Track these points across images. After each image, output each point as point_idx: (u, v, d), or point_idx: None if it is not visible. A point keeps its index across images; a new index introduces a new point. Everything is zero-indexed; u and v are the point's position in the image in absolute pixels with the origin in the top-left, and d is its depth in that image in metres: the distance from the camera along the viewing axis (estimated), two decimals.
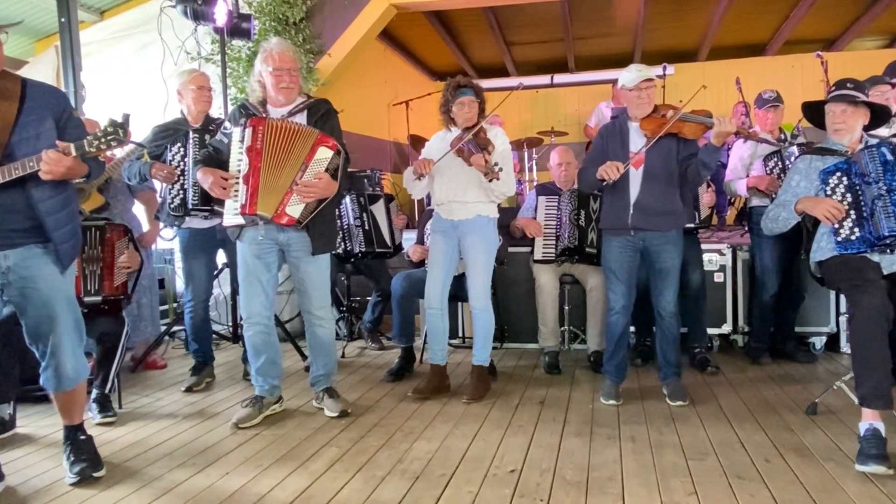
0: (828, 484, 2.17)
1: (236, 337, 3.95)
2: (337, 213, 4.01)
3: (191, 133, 3.32)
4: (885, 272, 2.57)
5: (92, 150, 2.16)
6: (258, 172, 2.75)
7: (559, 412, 3.00)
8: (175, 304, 4.86)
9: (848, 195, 2.60)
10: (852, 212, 2.58)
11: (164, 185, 3.40)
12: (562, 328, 4.11)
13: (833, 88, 2.79)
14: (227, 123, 2.97)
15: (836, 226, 2.59)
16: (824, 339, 4.04)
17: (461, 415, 2.99)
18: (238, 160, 2.80)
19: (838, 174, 2.63)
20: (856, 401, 2.41)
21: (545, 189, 4.13)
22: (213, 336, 3.81)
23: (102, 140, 2.16)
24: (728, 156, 4.14)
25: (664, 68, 6.28)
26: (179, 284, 4.45)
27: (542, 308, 3.88)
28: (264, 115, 2.85)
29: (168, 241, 4.01)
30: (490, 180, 3.02)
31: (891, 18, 7.01)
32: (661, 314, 3.14)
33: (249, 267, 2.92)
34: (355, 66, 5.65)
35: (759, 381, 3.47)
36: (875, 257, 2.57)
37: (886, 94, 3.36)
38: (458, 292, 3.48)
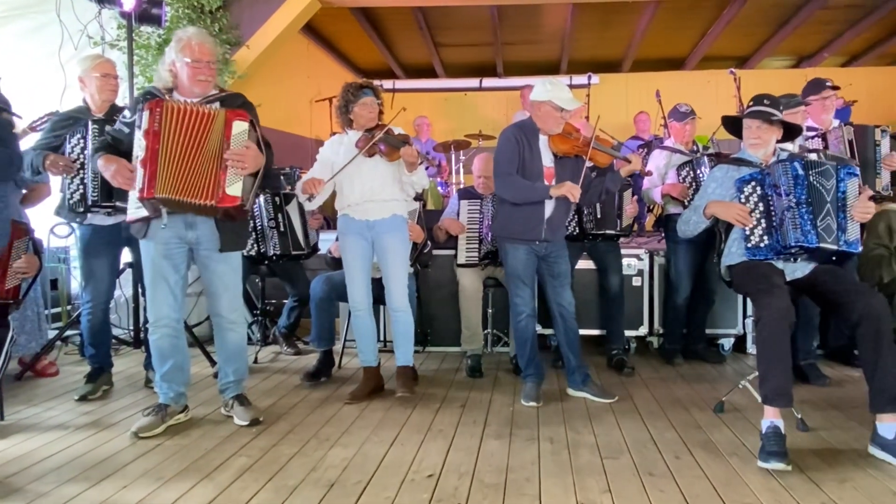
0: (732, 478, 2.26)
1: (138, 342, 3.70)
2: (250, 213, 3.83)
3: (90, 124, 3.09)
4: (788, 278, 2.73)
5: None
6: (156, 155, 2.58)
7: (480, 415, 2.98)
8: (69, 307, 4.52)
9: (760, 204, 2.73)
10: (763, 220, 2.71)
11: (63, 178, 3.15)
12: (485, 331, 4.11)
13: (751, 104, 2.92)
14: (126, 112, 2.79)
15: (748, 232, 2.72)
16: (732, 340, 4.23)
17: (380, 420, 2.92)
18: (138, 146, 2.63)
19: (752, 183, 2.76)
20: (759, 399, 2.51)
21: (467, 193, 4.12)
22: (113, 341, 3.56)
23: None
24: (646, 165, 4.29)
25: (589, 78, 6.46)
26: (75, 285, 4.14)
27: (465, 311, 3.87)
28: (163, 97, 2.68)
29: (63, 238, 3.71)
30: (427, 167, 3.05)
31: (797, 40, 7.51)
32: (562, 315, 3.24)
33: (156, 267, 2.74)
34: (275, 60, 5.47)
35: (672, 380, 3.59)
36: (780, 264, 2.73)
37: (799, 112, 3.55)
38: (377, 295, 3.41)
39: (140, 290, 3.25)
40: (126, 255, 3.47)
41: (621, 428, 2.78)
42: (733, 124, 3.02)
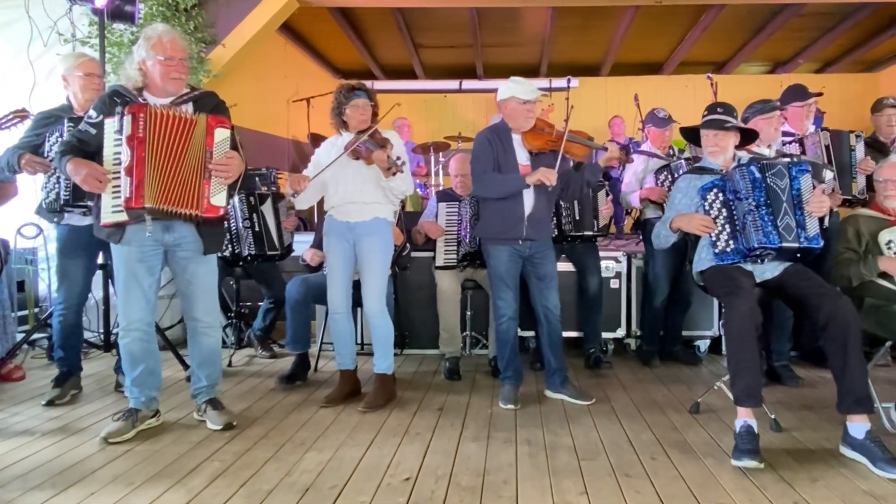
0: (707, 478, 2.28)
1: (108, 345, 3.62)
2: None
3: (66, 122, 3.03)
4: (758, 280, 2.77)
5: None
6: (142, 163, 2.54)
7: (457, 418, 2.96)
8: (37, 309, 4.41)
9: (723, 210, 2.79)
10: (727, 226, 2.76)
11: (44, 177, 3.11)
12: (463, 334, 4.10)
13: (706, 113, 3.01)
14: (92, 112, 2.67)
15: (714, 238, 2.77)
16: (708, 342, 4.27)
17: (356, 424, 2.89)
18: (116, 153, 2.57)
19: (714, 190, 2.81)
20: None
21: (445, 195, 4.12)
22: (83, 344, 3.47)
23: None
24: (621, 172, 4.32)
25: (568, 81, 6.48)
26: (42, 287, 4.04)
27: (443, 314, 3.85)
28: (144, 102, 2.63)
29: (30, 238, 3.62)
30: (394, 174, 2.96)
31: (773, 47, 7.64)
32: (547, 317, 3.23)
33: (130, 270, 2.68)
34: (252, 59, 5.41)
35: (649, 382, 3.61)
36: (748, 267, 2.78)
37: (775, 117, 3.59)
38: (355, 297, 3.38)
39: (113, 293, 3.17)
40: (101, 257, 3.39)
41: (598, 430, 2.79)
42: (692, 133, 3.09)
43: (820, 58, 8.20)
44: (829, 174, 3.57)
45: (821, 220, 2.75)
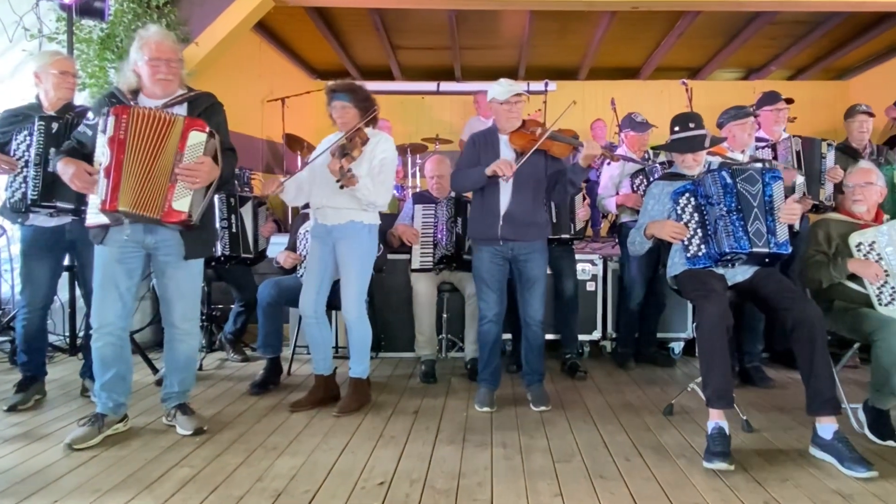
0: (679, 479, 2.30)
1: (74, 349, 3.53)
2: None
3: (37, 120, 2.97)
4: (729, 283, 2.81)
5: None
6: (120, 165, 2.49)
7: (433, 421, 2.95)
8: (0, 311, 4.29)
9: (695, 215, 2.82)
10: (699, 230, 2.80)
11: (8, 176, 3.03)
12: (439, 336, 4.09)
13: (677, 129, 3.01)
14: (90, 114, 2.69)
15: (686, 243, 2.80)
16: (682, 344, 4.32)
17: (330, 428, 2.85)
18: (101, 153, 2.54)
19: (686, 195, 2.85)
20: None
21: (422, 197, 4.10)
22: (48, 348, 3.38)
23: None
24: (598, 174, 4.35)
25: (546, 84, 6.50)
26: (6, 289, 3.92)
27: (419, 316, 3.83)
28: (130, 103, 2.60)
29: None
30: (341, 186, 2.89)
31: (746, 54, 7.76)
32: (527, 322, 3.21)
33: (108, 271, 2.63)
34: (226, 58, 5.32)
35: (624, 384, 3.63)
36: (720, 270, 2.82)
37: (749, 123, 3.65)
38: (334, 300, 3.34)
39: (76, 295, 3.09)
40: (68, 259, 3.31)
41: (574, 432, 2.80)
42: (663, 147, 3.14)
43: (792, 65, 8.36)
44: (799, 178, 3.64)
45: (790, 225, 2.79)
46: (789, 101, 3.96)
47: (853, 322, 2.77)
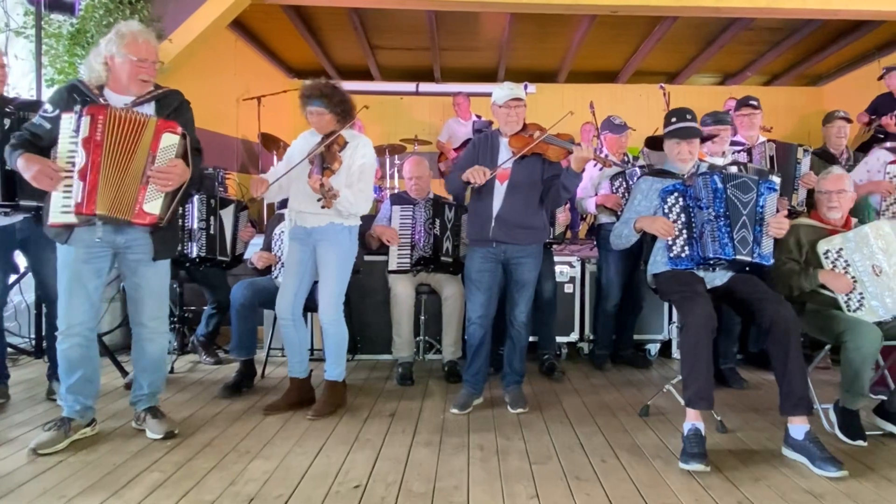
0: (655, 480, 2.31)
1: (39, 351, 3.43)
2: (180, 212, 3.63)
3: None
4: (708, 286, 2.82)
5: None
6: (98, 168, 2.43)
7: (409, 424, 2.93)
8: None
9: (682, 215, 2.82)
10: (684, 231, 2.80)
11: None
12: (417, 338, 4.06)
13: (674, 120, 2.99)
14: (48, 106, 2.57)
15: (670, 242, 2.80)
16: (658, 345, 4.35)
17: (304, 432, 2.81)
18: (70, 151, 2.46)
19: (675, 194, 2.84)
20: (682, 402, 2.58)
21: (399, 198, 4.07)
22: (12, 350, 3.28)
23: None
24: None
25: (525, 87, 6.50)
26: None
27: (396, 318, 3.80)
28: (105, 103, 2.52)
29: None
30: (323, 207, 2.85)
31: (723, 59, 7.87)
32: (512, 324, 3.20)
33: (75, 272, 2.56)
34: (201, 56, 5.24)
35: (601, 385, 3.65)
36: (700, 273, 2.83)
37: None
38: (310, 302, 3.29)
39: (41, 297, 2.99)
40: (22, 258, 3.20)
41: (550, 433, 2.80)
42: (657, 141, 3.12)
43: (768, 71, 8.49)
44: (776, 180, 3.69)
45: None
46: (756, 106, 3.98)
47: (823, 324, 2.82)
